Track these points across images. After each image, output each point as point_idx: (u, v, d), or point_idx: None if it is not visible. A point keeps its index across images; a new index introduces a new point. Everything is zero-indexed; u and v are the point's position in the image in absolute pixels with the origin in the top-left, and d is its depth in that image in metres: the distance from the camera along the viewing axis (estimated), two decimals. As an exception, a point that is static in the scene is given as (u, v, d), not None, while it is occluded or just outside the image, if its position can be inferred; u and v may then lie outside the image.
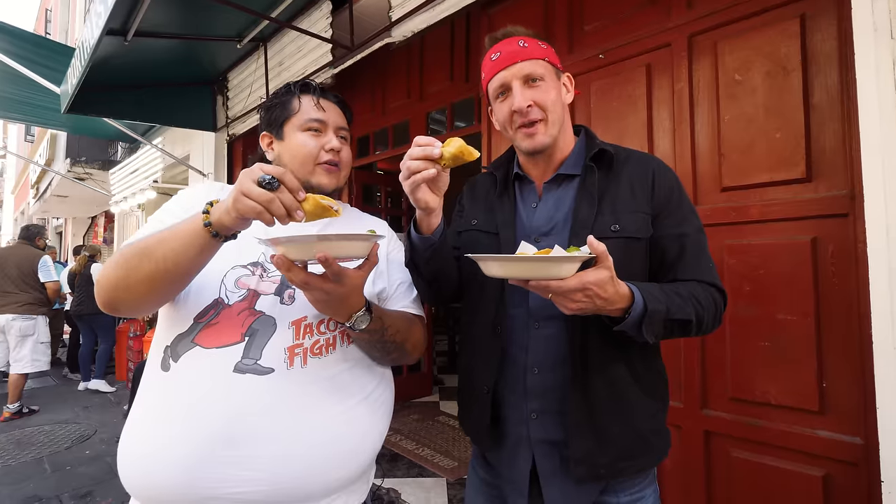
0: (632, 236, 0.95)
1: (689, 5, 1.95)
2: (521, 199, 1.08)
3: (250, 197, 0.73)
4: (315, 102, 1.07)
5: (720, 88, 1.83)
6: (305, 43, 3.68)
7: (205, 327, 0.89)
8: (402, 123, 3.75)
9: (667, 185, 0.99)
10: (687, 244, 0.95)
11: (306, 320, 0.92)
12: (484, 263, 0.81)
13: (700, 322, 0.90)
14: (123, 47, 3.51)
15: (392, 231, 1.21)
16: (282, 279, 0.96)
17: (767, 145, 1.71)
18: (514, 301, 1.02)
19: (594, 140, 1.06)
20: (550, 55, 1.02)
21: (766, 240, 1.71)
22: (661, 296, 0.86)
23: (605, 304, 0.79)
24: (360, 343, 0.96)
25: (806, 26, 1.66)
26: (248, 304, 0.92)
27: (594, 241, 0.76)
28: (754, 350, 1.72)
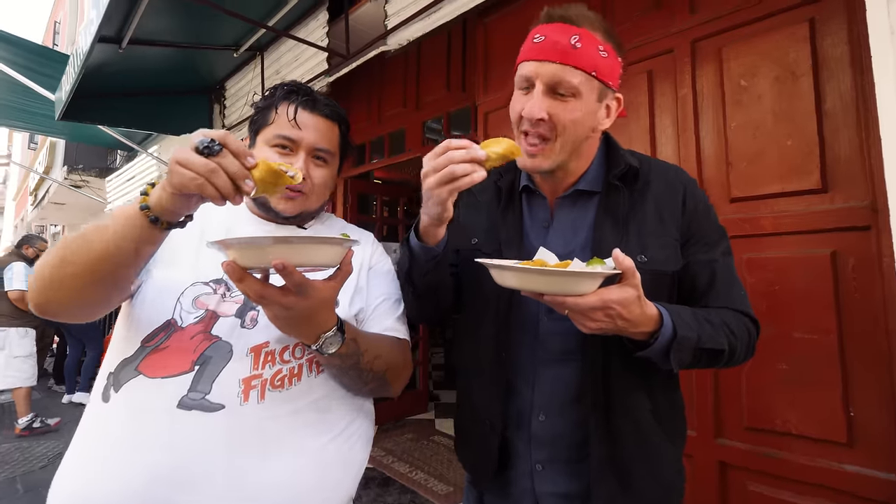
0: (660, 270, 0.84)
1: (693, 10, 1.88)
2: (529, 215, 0.95)
3: (187, 166, 0.61)
4: (291, 117, 0.92)
5: (726, 94, 1.75)
6: (302, 52, 3.63)
7: (152, 352, 0.78)
8: (398, 132, 3.69)
9: (697, 206, 0.88)
10: (717, 271, 0.86)
11: (268, 346, 0.81)
12: (498, 272, 0.72)
13: (732, 353, 0.80)
14: (118, 55, 3.46)
15: (376, 241, 1.10)
16: (244, 300, 0.85)
17: (778, 153, 1.61)
18: (522, 324, 0.90)
19: (618, 152, 0.92)
20: (605, 66, 0.82)
21: (780, 253, 1.60)
22: (692, 321, 0.76)
23: (628, 325, 0.70)
24: (331, 370, 0.85)
25: (815, 30, 1.58)
26: (204, 327, 0.81)
27: (620, 256, 0.67)
28: (771, 373, 1.60)
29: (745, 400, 1.65)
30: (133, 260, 0.71)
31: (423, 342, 4.87)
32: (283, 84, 0.97)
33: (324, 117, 0.96)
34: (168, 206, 0.65)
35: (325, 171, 0.97)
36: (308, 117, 0.94)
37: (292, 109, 0.93)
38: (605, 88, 0.84)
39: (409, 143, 3.58)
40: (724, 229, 0.90)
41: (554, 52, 0.80)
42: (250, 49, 3.97)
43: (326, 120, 0.96)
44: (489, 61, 2.67)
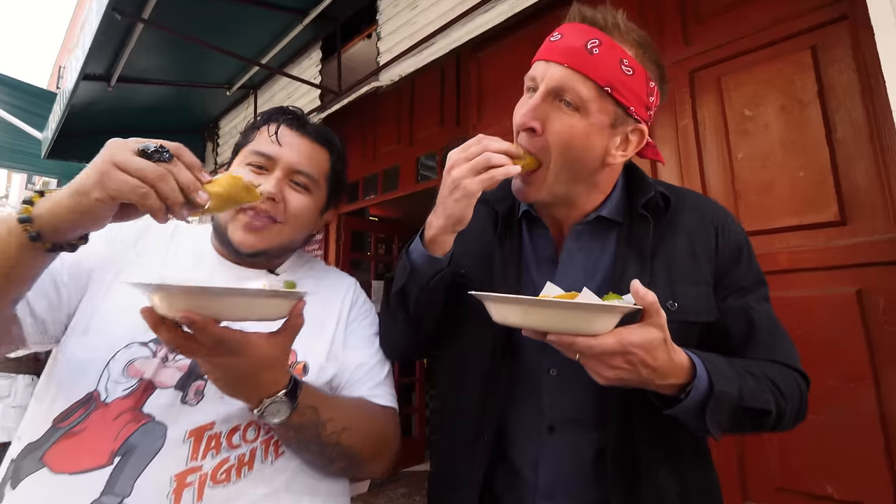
0: (692, 321, 0.71)
1: (687, 41, 1.84)
2: (530, 248, 0.80)
3: (130, 170, 0.50)
4: (272, 133, 0.81)
5: (729, 124, 1.67)
6: (296, 89, 3.63)
7: (64, 437, 0.63)
8: (393, 168, 3.62)
9: (733, 244, 0.75)
10: (756, 318, 0.72)
11: (213, 428, 0.66)
12: (495, 305, 0.60)
13: (780, 415, 0.66)
14: (107, 93, 3.43)
15: (358, 290, 0.95)
16: (191, 365, 0.70)
17: (790, 184, 1.51)
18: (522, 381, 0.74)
19: (644, 179, 0.78)
20: (626, 86, 0.67)
21: (800, 292, 1.47)
22: (731, 373, 0.63)
23: (653, 375, 0.57)
24: (287, 444, 0.70)
25: (818, 58, 1.51)
26: (135, 403, 0.66)
27: (641, 289, 0.55)
28: (802, 426, 1.42)
29: (774, 456, 1.48)
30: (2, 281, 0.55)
31: (420, 384, 4.64)
32: (279, 108, 0.87)
33: (310, 139, 0.84)
34: (67, 220, 0.52)
35: (305, 199, 0.82)
36: (291, 135, 0.83)
37: (274, 126, 0.82)
38: (624, 114, 0.69)
39: (403, 180, 3.51)
40: (764, 278, 0.77)
41: (565, 53, 0.68)
42: (243, 87, 3.97)
43: (313, 143, 0.85)
44: (482, 95, 2.63)
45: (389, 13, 2.89)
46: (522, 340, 0.74)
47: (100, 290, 0.73)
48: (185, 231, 0.86)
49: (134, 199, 0.51)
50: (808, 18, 1.55)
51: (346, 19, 3.27)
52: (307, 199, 0.83)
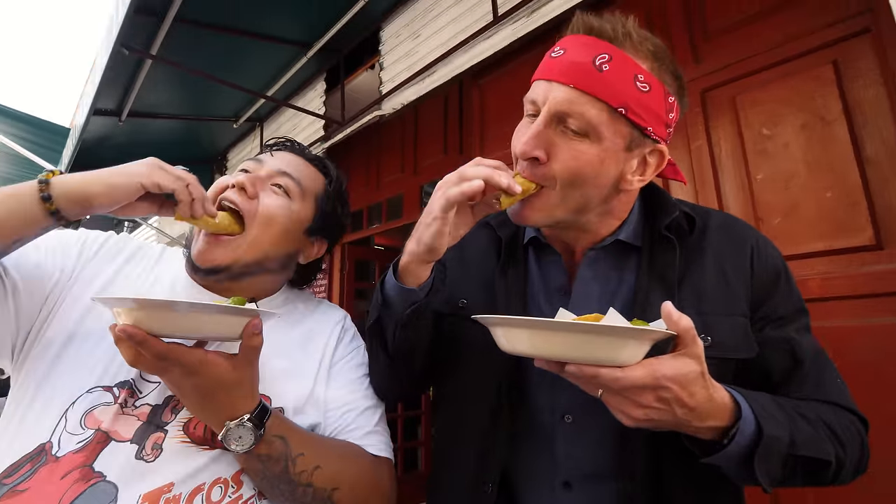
0: (730, 357, 0.61)
1: (697, 60, 1.77)
2: (538, 277, 0.72)
3: (172, 172, 0.65)
4: (269, 149, 0.83)
5: (746, 145, 1.58)
6: (300, 121, 3.65)
7: (6, 495, 0.56)
8: (396, 197, 3.58)
9: (770, 268, 0.66)
10: (800, 352, 0.62)
11: (171, 491, 0.59)
12: (504, 330, 0.52)
13: (840, 466, 0.56)
14: (118, 127, 3.49)
15: (348, 325, 0.87)
16: (151, 413, 0.63)
17: (817, 207, 1.40)
18: (531, 434, 0.65)
19: (665, 198, 0.69)
20: (642, 104, 0.59)
21: (833, 322, 1.34)
22: (781, 415, 0.54)
23: (689, 415, 0.49)
24: (256, 479, 0.63)
25: (841, 73, 1.43)
26: (86, 459, 0.59)
27: (674, 313, 0.48)
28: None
29: None
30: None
31: (426, 417, 4.47)
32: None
33: (305, 159, 0.83)
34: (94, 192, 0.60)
35: (282, 202, 0.75)
36: (286, 153, 0.82)
37: (269, 149, 0.84)
38: (641, 135, 0.60)
39: (407, 208, 3.46)
40: (804, 304, 0.67)
41: (570, 71, 0.59)
42: (250, 120, 4.02)
43: (308, 163, 0.83)
44: (485, 122, 2.59)
45: (392, 43, 2.91)
46: (531, 381, 0.65)
47: (67, 323, 0.67)
48: (169, 258, 0.81)
49: (176, 188, 0.64)
50: (827, 33, 1.47)
51: (349, 51, 3.30)
52: (284, 203, 0.76)
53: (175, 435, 0.63)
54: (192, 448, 0.63)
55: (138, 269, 0.77)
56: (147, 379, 0.66)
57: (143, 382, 0.66)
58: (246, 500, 0.63)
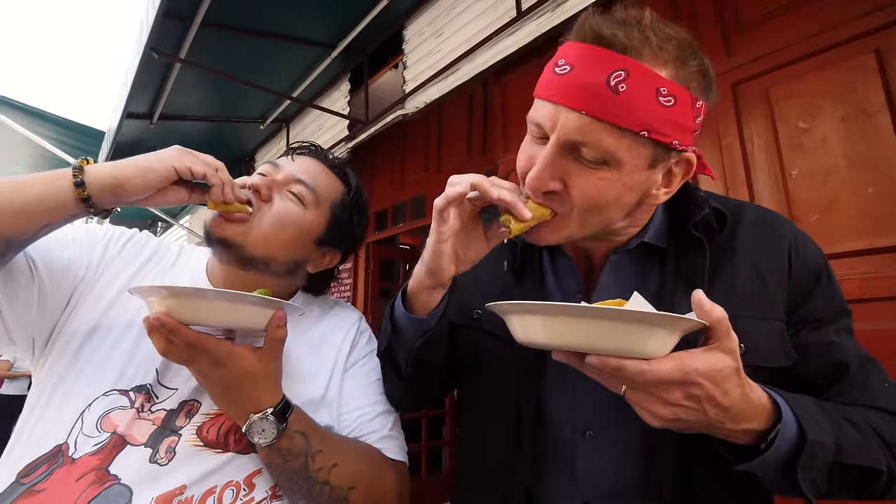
0: (764, 366, 0.57)
1: (729, 52, 1.71)
2: (555, 283, 0.69)
3: (201, 157, 0.66)
4: (291, 153, 0.82)
5: (780, 139, 1.52)
6: (325, 121, 3.70)
7: (25, 495, 0.58)
8: (420, 196, 3.59)
9: (811, 267, 0.61)
10: (842, 356, 0.57)
11: (183, 493, 0.60)
12: (518, 318, 0.48)
13: (892, 477, 0.51)
14: (150, 130, 3.61)
15: (363, 327, 0.86)
16: (166, 418, 0.64)
17: (857, 203, 1.34)
18: (550, 450, 0.62)
19: (694, 194, 0.63)
20: (664, 123, 0.52)
21: (872, 325, 1.28)
22: (825, 419, 0.49)
23: (723, 416, 0.45)
24: (275, 475, 0.64)
25: (884, 61, 1.35)
26: (101, 462, 0.60)
27: (706, 302, 0.44)
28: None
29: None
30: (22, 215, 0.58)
31: (450, 417, 4.47)
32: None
33: (326, 165, 0.81)
34: (127, 177, 0.61)
35: (294, 208, 0.75)
36: (307, 158, 0.81)
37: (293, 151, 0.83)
38: (664, 151, 0.54)
39: (431, 207, 3.47)
40: (848, 307, 0.63)
41: (580, 95, 0.51)
42: (276, 121, 4.09)
43: (328, 170, 0.81)
44: (507, 120, 2.57)
45: (415, 42, 2.91)
46: (551, 396, 0.62)
47: (89, 318, 0.69)
48: (186, 258, 0.82)
49: (206, 171, 0.65)
50: (868, 21, 1.40)
51: (372, 51, 3.32)
52: (297, 210, 0.74)
53: (188, 438, 0.64)
54: (206, 451, 0.64)
55: (157, 269, 0.78)
56: (164, 385, 0.67)
57: (161, 388, 0.67)
58: (258, 502, 0.64)
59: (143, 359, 0.67)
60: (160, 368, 0.68)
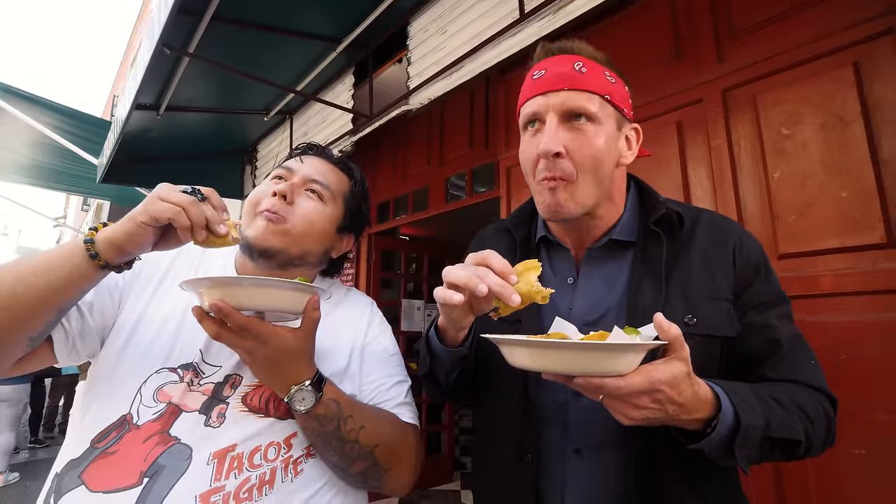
0: (712, 334, 0.70)
1: (720, 59, 1.81)
2: (551, 271, 0.83)
3: (168, 200, 0.64)
4: (296, 155, 0.92)
5: (765, 144, 1.63)
6: (329, 114, 3.75)
7: (100, 456, 0.67)
8: (422, 189, 3.68)
9: (752, 260, 0.75)
10: (779, 336, 0.70)
11: (235, 450, 0.70)
12: (509, 349, 0.59)
13: (809, 443, 0.64)
14: (156, 121, 3.66)
15: (375, 311, 0.97)
16: (215, 389, 0.74)
17: (832, 205, 1.45)
18: (546, 413, 0.75)
19: (654, 196, 0.81)
20: (616, 92, 0.74)
21: (844, 317, 1.40)
22: (757, 402, 0.61)
23: (679, 411, 0.56)
24: (311, 437, 0.73)
25: (862, 74, 1.46)
26: (162, 426, 0.70)
27: (664, 323, 0.54)
28: (846, 460, 1.35)
29: (814, 491, 1.40)
30: (54, 294, 0.64)
31: (448, 403, 4.61)
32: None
33: (331, 163, 0.93)
34: (121, 240, 0.64)
35: (317, 205, 0.85)
36: (312, 158, 0.91)
37: (300, 152, 0.93)
38: (622, 117, 0.76)
39: (433, 200, 3.56)
40: (786, 295, 0.75)
41: (560, 80, 0.72)
42: (280, 113, 4.14)
43: (333, 166, 0.93)
44: (510, 117, 2.66)
45: (419, 38, 2.98)
46: None
47: (133, 312, 0.79)
48: (213, 255, 0.91)
49: (169, 216, 0.63)
50: (850, 34, 1.49)
51: (377, 46, 3.38)
52: (319, 206, 0.86)
53: (235, 406, 0.73)
54: (251, 416, 0.73)
55: (186, 265, 0.88)
56: (208, 362, 0.77)
57: (205, 365, 0.77)
58: (295, 458, 0.73)
59: (185, 342, 0.77)
60: (203, 349, 0.78)
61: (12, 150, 4.78)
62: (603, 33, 2.19)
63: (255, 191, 0.86)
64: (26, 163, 5.07)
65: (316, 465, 0.75)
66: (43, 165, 5.14)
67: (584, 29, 2.22)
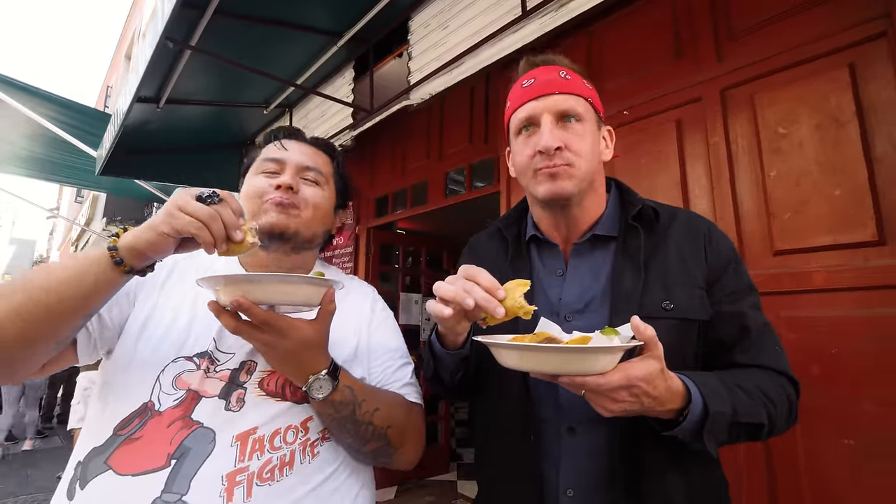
0: (687, 318, 0.76)
1: (720, 58, 1.84)
2: (541, 265, 0.89)
3: (187, 211, 0.64)
4: (277, 146, 0.93)
5: (762, 143, 1.66)
6: (329, 108, 3.76)
7: (125, 442, 0.70)
8: (421, 183, 3.70)
9: (722, 252, 0.82)
10: (748, 324, 0.77)
11: (256, 432, 0.73)
12: (497, 351, 0.64)
13: (772, 425, 0.71)
14: (156, 113, 3.65)
15: (377, 297, 1.01)
16: (231, 375, 0.77)
17: (826, 203, 1.49)
18: (543, 398, 0.80)
19: (632, 195, 0.89)
20: (595, 98, 0.86)
21: (835, 312, 1.45)
22: (724, 391, 0.67)
23: (653, 403, 0.62)
24: (327, 421, 0.77)
25: (857, 75, 1.50)
26: (184, 412, 0.73)
27: (640, 325, 0.60)
28: (836, 449, 1.41)
29: (805, 479, 1.45)
30: (84, 300, 0.66)
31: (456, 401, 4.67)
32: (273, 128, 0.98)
33: (311, 146, 0.96)
34: (143, 248, 0.65)
35: (318, 191, 0.92)
36: (293, 143, 0.94)
37: (277, 140, 0.94)
38: (599, 119, 0.87)
39: (432, 194, 3.58)
40: (754, 286, 0.82)
41: (550, 85, 0.82)
42: (280, 106, 4.14)
43: (315, 148, 0.96)
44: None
45: (420, 33, 2.98)
46: None
47: (145, 306, 0.82)
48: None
49: (192, 231, 0.64)
50: (847, 35, 1.53)
51: (378, 40, 3.39)
52: (318, 191, 0.92)
53: (253, 391, 0.76)
54: (269, 400, 0.76)
55: (187, 259, 0.90)
56: (221, 350, 0.80)
57: (219, 353, 0.79)
58: (312, 441, 0.77)
59: (198, 332, 0.80)
60: (216, 337, 0.80)
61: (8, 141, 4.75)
62: (604, 31, 2.22)
63: (254, 184, 0.89)
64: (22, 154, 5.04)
65: (331, 448, 0.79)
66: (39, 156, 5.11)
67: (586, 26, 2.25)
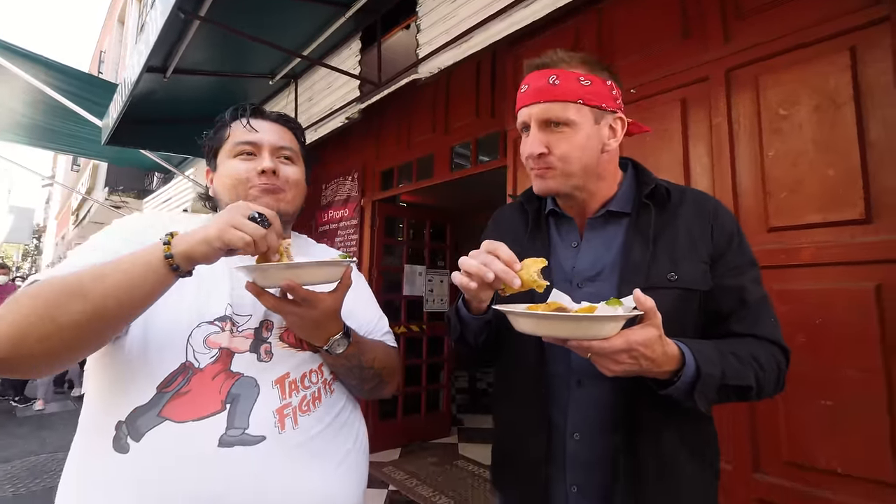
0: (690, 288, 0.85)
1: (727, 39, 1.88)
2: (558, 237, 0.98)
3: (243, 229, 0.71)
4: (244, 125, 0.96)
5: (763, 123, 1.73)
6: (335, 80, 3.76)
7: (174, 397, 0.76)
8: (427, 157, 3.75)
9: (727, 229, 0.89)
10: (746, 297, 0.85)
11: (289, 377, 0.86)
12: (514, 318, 0.73)
13: (760, 388, 0.80)
14: (162, 83, 3.65)
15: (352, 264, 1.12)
16: (255, 333, 0.87)
17: (819, 183, 1.58)
18: (555, 356, 0.91)
19: (647, 175, 0.95)
20: (590, 95, 0.86)
21: (821, 285, 1.55)
22: (716, 357, 0.76)
23: (651, 365, 0.71)
24: (338, 369, 0.92)
25: (857, 59, 1.56)
26: (223, 366, 0.81)
27: (641, 297, 0.69)
28: (814, 409, 1.54)
29: (784, 434, 1.59)
30: (143, 304, 0.71)
31: (447, 363, 4.85)
32: (229, 108, 1.01)
33: (277, 123, 1.00)
34: (198, 258, 0.71)
35: (295, 168, 0.99)
36: (261, 122, 0.98)
37: (244, 119, 0.97)
38: (600, 112, 0.88)
39: (438, 168, 3.64)
40: (756, 261, 0.90)
41: (536, 94, 0.87)
42: (285, 77, 4.13)
43: (281, 126, 1.00)
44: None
45: (430, 5, 2.98)
46: None
47: None
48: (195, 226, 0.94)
49: (241, 246, 0.71)
50: (850, 19, 1.57)
51: (386, 11, 3.37)
52: (294, 168, 0.99)
53: (276, 344, 0.87)
54: (291, 350, 0.88)
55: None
56: (238, 314, 0.86)
57: (238, 316, 0.86)
58: (328, 380, 0.92)
59: (213, 300, 0.85)
60: (232, 303, 0.85)
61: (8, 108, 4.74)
62: (614, 8, 2.24)
63: (235, 169, 0.93)
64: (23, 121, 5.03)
65: (339, 387, 0.95)
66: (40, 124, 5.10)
67: (596, 3, 2.27)
